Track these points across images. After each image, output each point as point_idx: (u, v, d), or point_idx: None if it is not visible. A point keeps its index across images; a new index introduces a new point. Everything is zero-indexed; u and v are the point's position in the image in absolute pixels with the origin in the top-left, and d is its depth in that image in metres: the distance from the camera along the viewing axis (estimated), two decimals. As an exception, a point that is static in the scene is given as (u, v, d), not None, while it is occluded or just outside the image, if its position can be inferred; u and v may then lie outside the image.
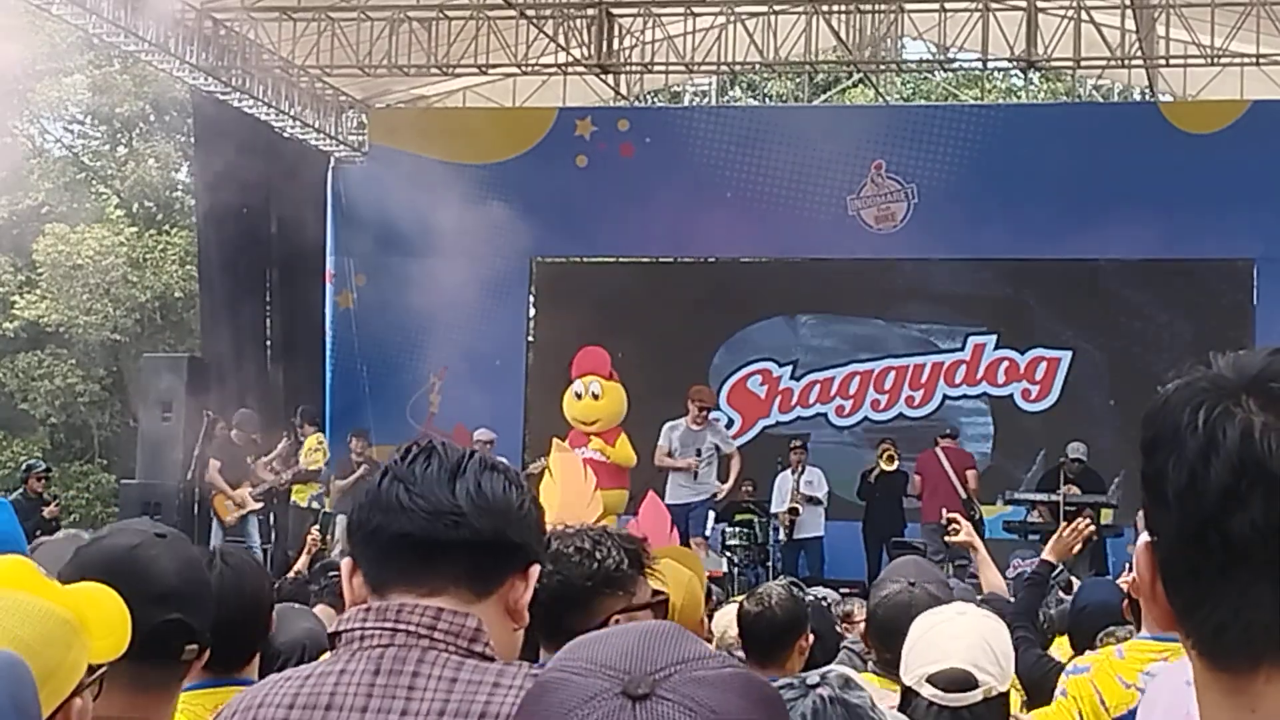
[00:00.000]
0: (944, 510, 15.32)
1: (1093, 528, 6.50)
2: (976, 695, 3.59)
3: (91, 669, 2.25)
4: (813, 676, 3.22)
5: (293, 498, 18.98)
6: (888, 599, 4.62)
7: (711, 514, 16.69)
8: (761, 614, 5.46)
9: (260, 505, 18.43)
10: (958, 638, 3.68)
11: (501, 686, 2.25)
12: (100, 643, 2.28)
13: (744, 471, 18.75)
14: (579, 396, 16.62)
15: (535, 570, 2.42)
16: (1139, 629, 5.18)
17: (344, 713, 2.27)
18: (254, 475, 18.52)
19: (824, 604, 7.42)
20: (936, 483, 18.24)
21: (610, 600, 3.36)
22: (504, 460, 2.51)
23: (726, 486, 16.88)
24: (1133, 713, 4.30)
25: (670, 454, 16.61)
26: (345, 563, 2.45)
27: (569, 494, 7.05)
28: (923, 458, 18.74)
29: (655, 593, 3.51)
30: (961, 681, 3.59)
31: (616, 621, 3.30)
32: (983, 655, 3.64)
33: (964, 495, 17.91)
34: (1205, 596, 1.38)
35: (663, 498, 14.64)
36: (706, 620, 5.32)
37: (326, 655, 2.44)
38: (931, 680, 3.60)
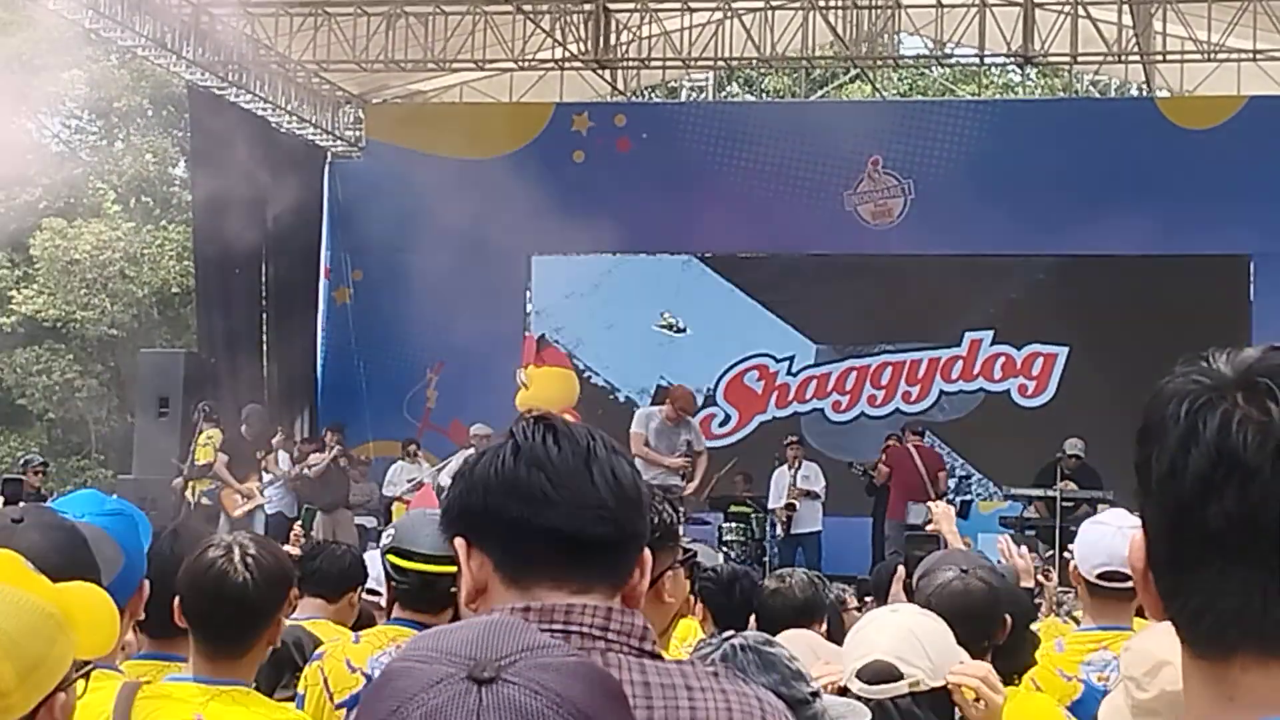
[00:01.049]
0: (925, 501, 15.44)
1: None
2: (901, 687, 3.58)
3: (78, 664, 2.26)
4: (730, 635, 3.24)
5: (185, 493, 18.82)
6: (942, 588, 4.54)
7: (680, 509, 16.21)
8: (778, 591, 5.51)
9: (267, 500, 18.48)
10: (883, 631, 3.67)
11: (694, 689, 2.20)
12: (87, 638, 2.28)
13: (735, 469, 18.84)
14: (518, 391, 17.00)
15: (649, 556, 2.36)
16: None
17: None
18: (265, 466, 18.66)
19: (840, 604, 7.44)
20: (908, 479, 18.30)
21: (664, 554, 3.35)
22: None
23: (692, 486, 16.07)
24: (1076, 704, 4.40)
25: (647, 444, 15.91)
26: (460, 544, 2.29)
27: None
28: (893, 451, 18.74)
29: (684, 550, 3.62)
30: (884, 673, 3.58)
31: (667, 578, 3.43)
32: (909, 649, 3.62)
33: (934, 496, 18.07)
34: (1184, 584, 1.40)
35: None
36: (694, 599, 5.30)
37: None
38: (858, 675, 3.60)
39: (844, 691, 3.57)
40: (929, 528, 7.22)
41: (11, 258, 31.38)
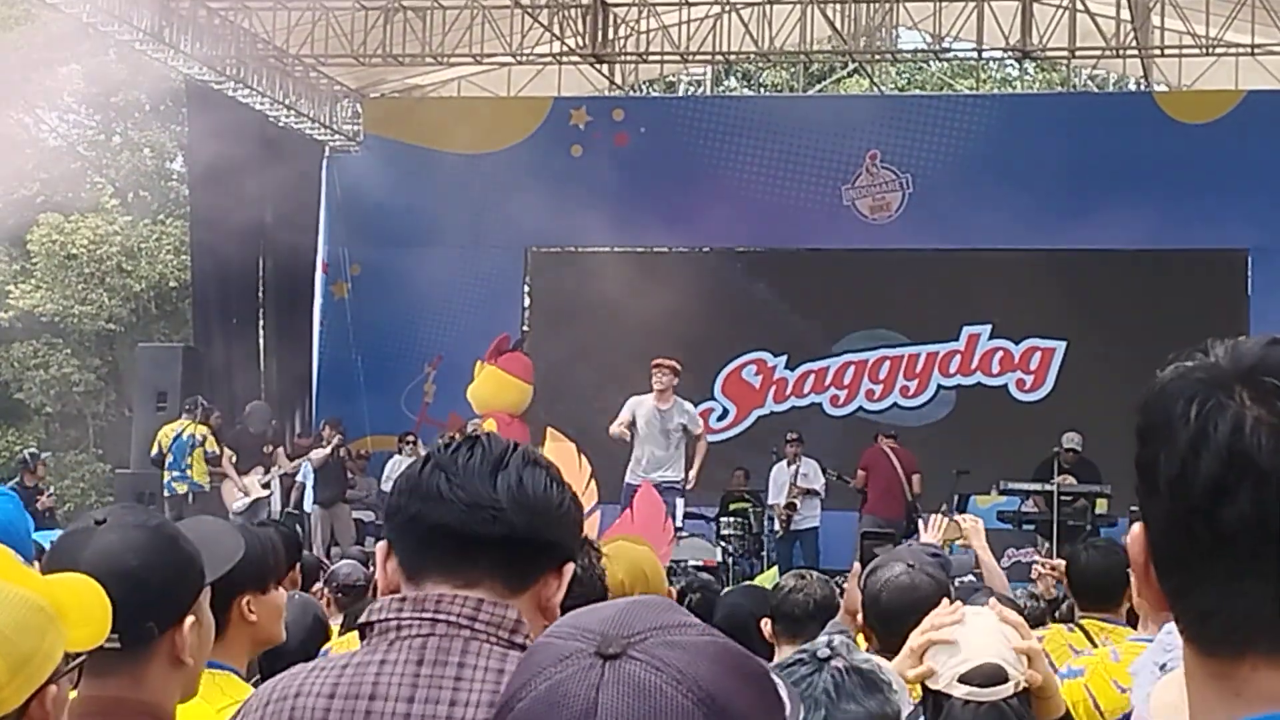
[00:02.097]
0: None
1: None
2: (1009, 688, 3.61)
3: (69, 657, 2.26)
4: (820, 648, 3.23)
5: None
6: (890, 583, 4.60)
7: (681, 501, 15.32)
8: (797, 589, 5.59)
9: (269, 493, 18.50)
10: (981, 632, 3.69)
11: None
12: (78, 631, 2.28)
13: (734, 462, 18.81)
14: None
15: (570, 569, 2.41)
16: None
17: (389, 702, 2.24)
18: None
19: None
20: (887, 482, 18.36)
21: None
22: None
23: (693, 474, 15.50)
24: (1126, 717, 4.30)
25: (630, 427, 15.32)
26: (380, 546, 2.42)
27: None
28: (870, 453, 18.75)
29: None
30: (995, 676, 3.61)
31: None
32: (1007, 650, 3.67)
33: (909, 497, 18.15)
34: (1193, 584, 1.40)
35: (621, 479, 14.67)
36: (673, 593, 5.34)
37: (356, 644, 2.41)
38: (965, 679, 3.61)
39: (938, 696, 3.59)
40: (959, 543, 7.22)
41: (9, 252, 31.36)
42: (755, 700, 1.52)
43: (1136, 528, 1.47)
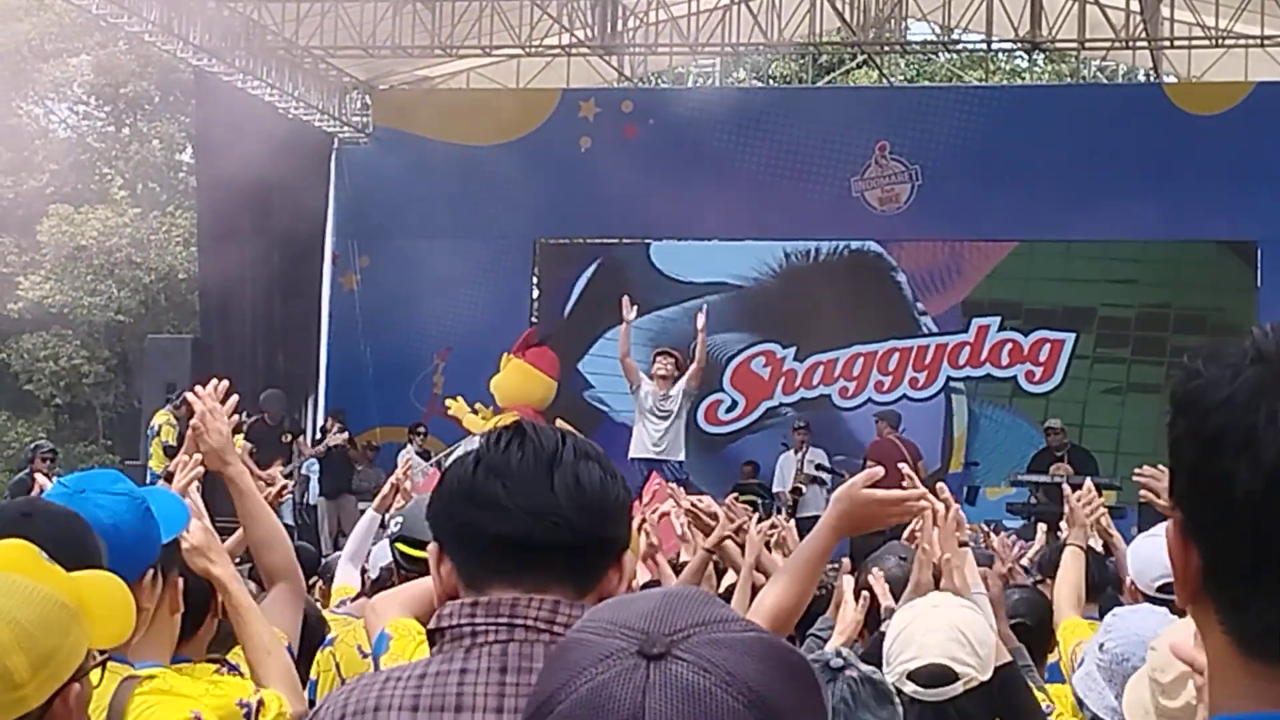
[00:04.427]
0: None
1: (1097, 498, 6.43)
2: (957, 688, 3.60)
3: (93, 655, 2.25)
4: (834, 658, 3.24)
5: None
6: (885, 576, 4.63)
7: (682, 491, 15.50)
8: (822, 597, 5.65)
9: (291, 482, 18.50)
10: (933, 631, 3.68)
11: None
12: (102, 629, 2.28)
13: (742, 454, 18.77)
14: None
15: (629, 559, 2.36)
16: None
17: (477, 714, 2.18)
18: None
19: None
20: (897, 471, 18.24)
21: None
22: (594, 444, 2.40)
23: (692, 371, 15.16)
24: None
25: (632, 373, 15.26)
26: (432, 550, 2.36)
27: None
28: (877, 444, 18.57)
29: None
30: (940, 676, 3.60)
31: None
32: (960, 647, 3.64)
33: (916, 485, 18.03)
34: (1259, 597, 1.33)
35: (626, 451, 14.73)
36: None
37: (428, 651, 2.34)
38: (912, 677, 3.61)
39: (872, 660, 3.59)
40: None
41: (19, 244, 31.39)
42: (803, 697, 1.49)
43: (1174, 526, 1.40)
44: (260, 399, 18.87)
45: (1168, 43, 20.20)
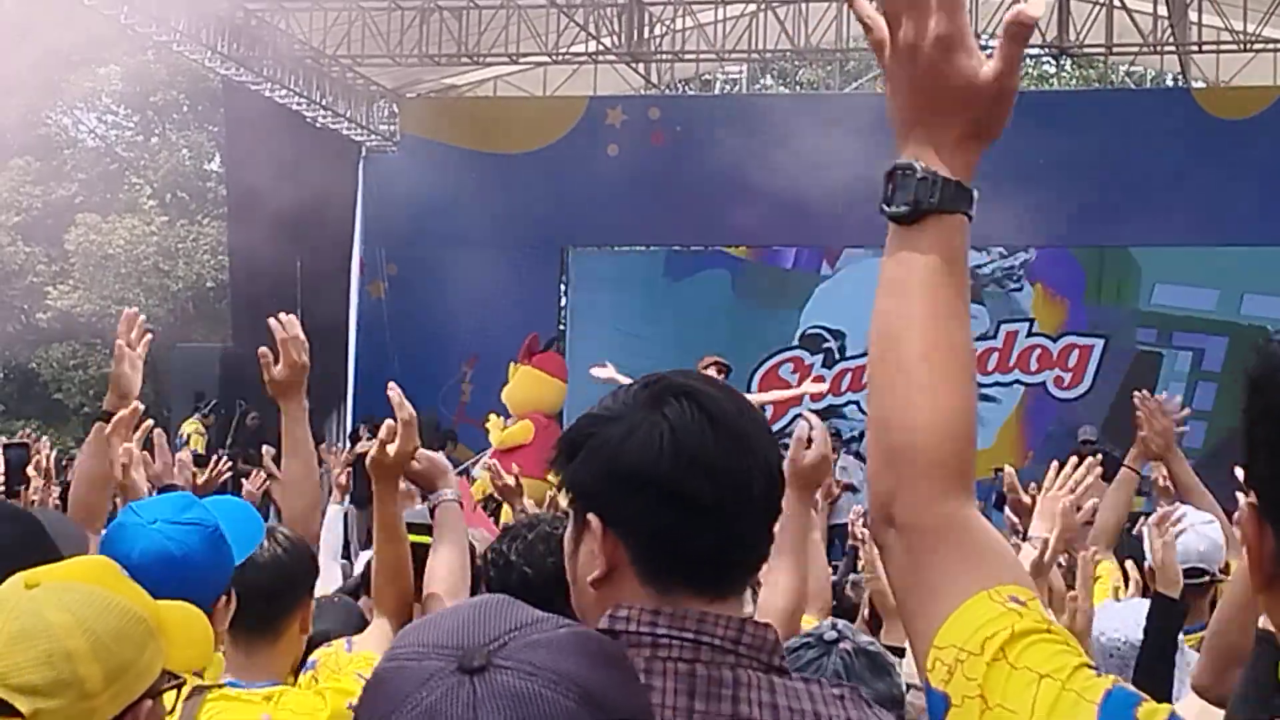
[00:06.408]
0: None
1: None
2: None
3: (169, 676, 2.25)
4: (827, 631, 3.23)
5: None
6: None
7: None
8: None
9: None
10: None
11: (822, 716, 2.03)
12: (181, 652, 2.27)
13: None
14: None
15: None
16: None
17: None
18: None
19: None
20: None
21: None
22: None
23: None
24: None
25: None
26: (595, 522, 2.09)
27: None
28: None
29: None
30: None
31: None
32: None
33: None
34: None
35: None
36: None
37: None
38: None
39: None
40: None
41: (48, 253, 31.51)
42: (624, 683, 1.50)
43: (1248, 512, 1.37)
44: None
45: (1196, 47, 20.16)
